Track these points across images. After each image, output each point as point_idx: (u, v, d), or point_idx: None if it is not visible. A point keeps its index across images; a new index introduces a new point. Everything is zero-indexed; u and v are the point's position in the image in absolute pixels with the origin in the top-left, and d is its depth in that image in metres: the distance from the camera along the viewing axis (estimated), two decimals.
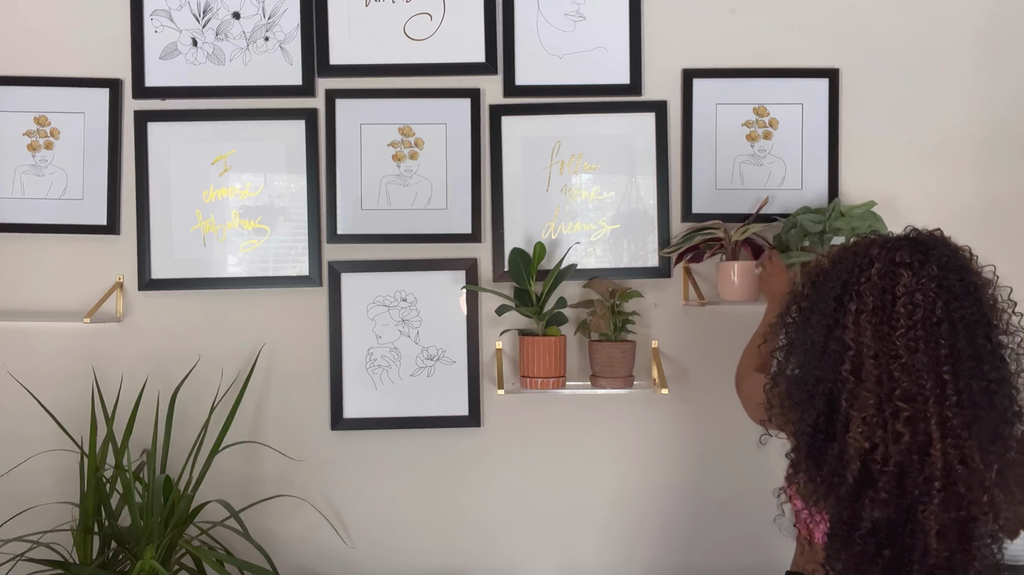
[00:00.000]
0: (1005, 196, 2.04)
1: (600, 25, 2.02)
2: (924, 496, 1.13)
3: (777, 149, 2.03)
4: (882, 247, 1.21)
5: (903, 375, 1.14)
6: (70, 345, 1.99)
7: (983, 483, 1.13)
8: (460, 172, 2.01)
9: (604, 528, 2.03)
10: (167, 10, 2.00)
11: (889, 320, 1.16)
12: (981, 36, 2.04)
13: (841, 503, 1.17)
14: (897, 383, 1.14)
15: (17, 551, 1.72)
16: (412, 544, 2.02)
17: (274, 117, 2.01)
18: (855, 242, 1.27)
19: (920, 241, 1.22)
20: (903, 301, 1.16)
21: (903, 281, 1.17)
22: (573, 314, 1.98)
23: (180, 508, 1.75)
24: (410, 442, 2.02)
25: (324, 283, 2.01)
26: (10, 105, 1.99)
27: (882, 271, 1.18)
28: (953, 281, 1.17)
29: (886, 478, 1.14)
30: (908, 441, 1.13)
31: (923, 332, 1.15)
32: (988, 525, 1.14)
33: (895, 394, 1.14)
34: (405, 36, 2.02)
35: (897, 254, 1.19)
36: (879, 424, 1.14)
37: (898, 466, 1.14)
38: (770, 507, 1.84)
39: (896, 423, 1.13)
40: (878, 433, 1.14)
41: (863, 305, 1.18)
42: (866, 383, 1.15)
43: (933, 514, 1.12)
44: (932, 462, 1.12)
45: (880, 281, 1.18)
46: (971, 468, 1.12)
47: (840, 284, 1.21)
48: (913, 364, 1.14)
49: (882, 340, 1.16)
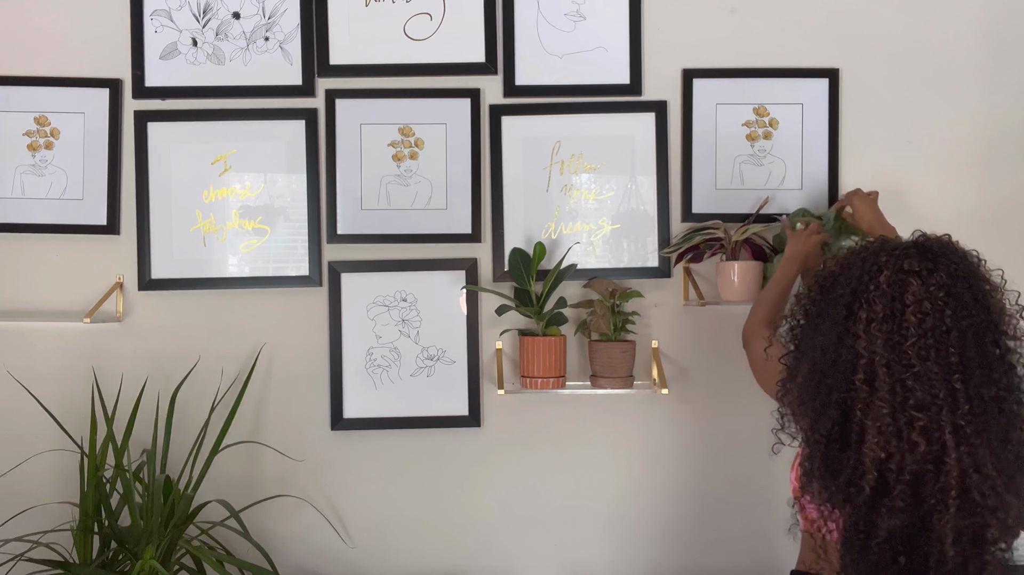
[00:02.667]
0: (1005, 196, 2.04)
1: (600, 25, 2.02)
2: (940, 504, 1.12)
3: (777, 149, 2.03)
4: (890, 254, 1.20)
5: (916, 384, 1.13)
6: (70, 345, 1.99)
7: (996, 489, 1.12)
8: (460, 172, 2.01)
9: (604, 528, 2.03)
10: (167, 10, 2.00)
11: (900, 329, 1.15)
12: (981, 36, 2.04)
13: (857, 511, 1.16)
14: (911, 392, 1.13)
15: (17, 551, 1.72)
16: (412, 544, 2.02)
17: (274, 117, 2.01)
18: (862, 247, 1.26)
19: (928, 248, 1.20)
20: (912, 310, 1.15)
21: (912, 290, 1.15)
22: (573, 314, 1.98)
23: (180, 508, 1.75)
24: (410, 442, 2.02)
25: (324, 283, 2.01)
26: (10, 105, 1.99)
27: (891, 279, 1.17)
28: (962, 289, 1.16)
29: (901, 487, 1.13)
30: (924, 450, 1.12)
31: (933, 341, 1.14)
32: (1000, 529, 1.14)
33: (909, 403, 1.13)
34: (405, 36, 2.02)
35: (905, 262, 1.18)
36: (894, 434, 1.13)
37: (913, 475, 1.13)
38: (770, 507, 1.84)
39: (911, 432, 1.12)
40: (893, 443, 1.13)
41: (873, 313, 1.16)
42: (879, 392, 1.14)
43: (949, 522, 1.11)
44: (948, 471, 1.11)
45: (889, 289, 1.17)
46: (984, 475, 1.12)
47: (849, 291, 1.20)
48: (925, 373, 1.13)
49: (894, 349, 1.14)
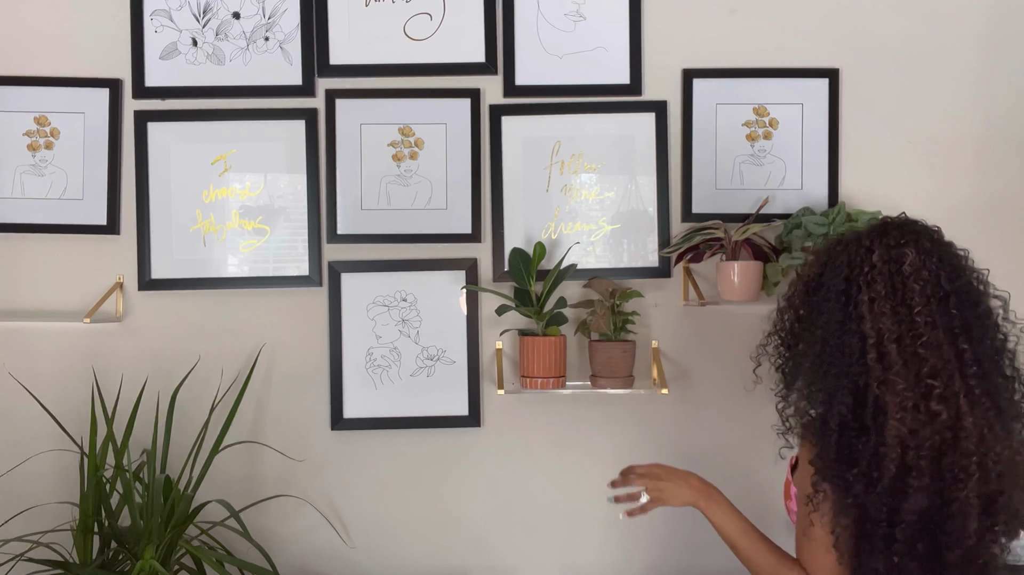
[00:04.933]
0: (1005, 196, 2.04)
1: (600, 25, 2.02)
2: (961, 473, 1.12)
3: (777, 149, 2.03)
4: (873, 236, 1.23)
5: (927, 352, 1.14)
6: (70, 345, 1.99)
7: (1008, 449, 1.14)
8: (460, 172, 2.01)
9: (604, 528, 2.03)
10: (167, 10, 2.00)
11: (904, 301, 1.17)
12: (981, 36, 2.04)
13: (880, 499, 1.14)
14: (923, 362, 1.14)
15: (17, 551, 1.72)
16: (412, 544, 2.02)
17: (274, 117, 2.01)
18: (837, 239, 1.28)
19: (902, 223, 1.24)
20: (913, 278, 1.17)
21: (909, 259, 1.18)
22: (573, 314, 1.98)
23: (180, 508, 1.75)
24: (410, 442, 2.02)
25: (324, 283, 2.01)
26: (10, 105, 1.99)
27: (885, 256, 1.20)
28: (946, 253, 1.20)
29: (924, 462, 1.13)
30: (944, 419, 1.12)
31: (936, 306, 1.16)
32: (1012, 495, 1.14)
33: (923, 372, 1.14)
34: (405, 36, 2.02)
35: (891, 238, 1.21)
36: (913, 406, 1.13)
37: (931, 449, 1.13)
38: (770, 507, 1.84)
39: (930, 402, 1.13)
40: (914, 415, 1.13)
41: (875, 292, 1.18)
42: (894, 368, 1.15)
43: (973, 490, 1.12)
44: (967, 435, 1.12)
45: (886, 265, 1.19)
46: (996, 435, 1.13)
47: (842, 279, 1.22)
48: (933, 340, 1.15)
49: (901, 322, 1.16)
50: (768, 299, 1.94)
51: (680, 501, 1.47)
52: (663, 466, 1.52)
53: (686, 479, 1.48)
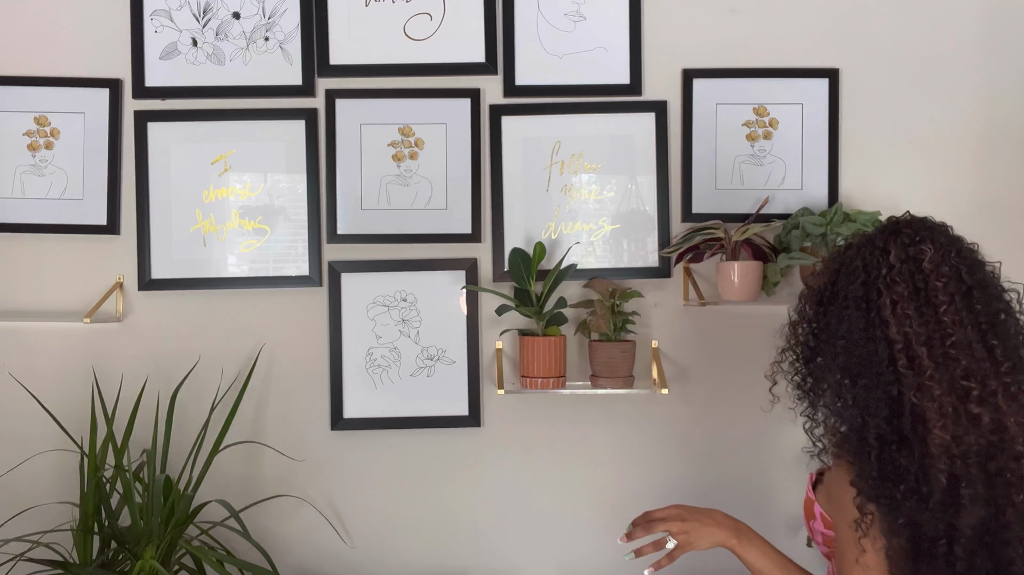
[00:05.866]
0: (1006, 196, 2.04)
1: (600, 25, 2.02)
2: (1013, 477, 1.06)
3: (777, 149, 2.03)
4: (885, 236, 1.18)
5: (959, 352, 1.09)
6: (70, 345, 1.99)
7: None
8: (460, 172, 2.01)
9: (604, 528, 2.03)
10: (167, 10, 2.00)
11: (929, 300, 1.11)
12: (981, 36, 2.04)
13: (935, 514, 1.07)
14: (956, 363, 1.08)
15: (17, 551, 1.72)
16: (412, 544, 2.02)
17: (274, 117, 2.01)
18: (847, 244, 1.23)
19: (912, 220, 1.19)
20: (935, 276, 1.12)
21: (928, 256, 1.13)
22: (573, 314, 1.98)
23: (180, 508, 1.75)
24: (410, 442, 2.02)
25: (324, 283, 2.01)
26: (10, 105, 1.99)
27: (902, 255, 1.14)
28: (963, 247, 1.16)
29: (974, 469, 1.06)
30: (987, 422, 1.06)
31: (961, 302, 1.11)
32: None
33: (957, 374, 1.08)
34: (405, 36, 2.02)
35: (904, 236, 1.16)
36: (953, 411, 1.07)
37: (978, 454, 1.07)
38: (771, 507, 1.84)
39: (969, 405, 1.07)
40: (955, 422, 1.07)
41: (897, 295, 1.12)
42: (927, 372, 1.08)
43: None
44: (1012, 438, 1.06)
45: (904, 265, 1.14)
46: None
47: (859, 284, 1.16)
48: (964, 338, 1.09)
49: (928, 323, 1.10)
50: (768, 299, 1.94)
51: (709, 542, 1.38)
52: (683, 506, 1.42)
53: (712, 516, 1.40)
